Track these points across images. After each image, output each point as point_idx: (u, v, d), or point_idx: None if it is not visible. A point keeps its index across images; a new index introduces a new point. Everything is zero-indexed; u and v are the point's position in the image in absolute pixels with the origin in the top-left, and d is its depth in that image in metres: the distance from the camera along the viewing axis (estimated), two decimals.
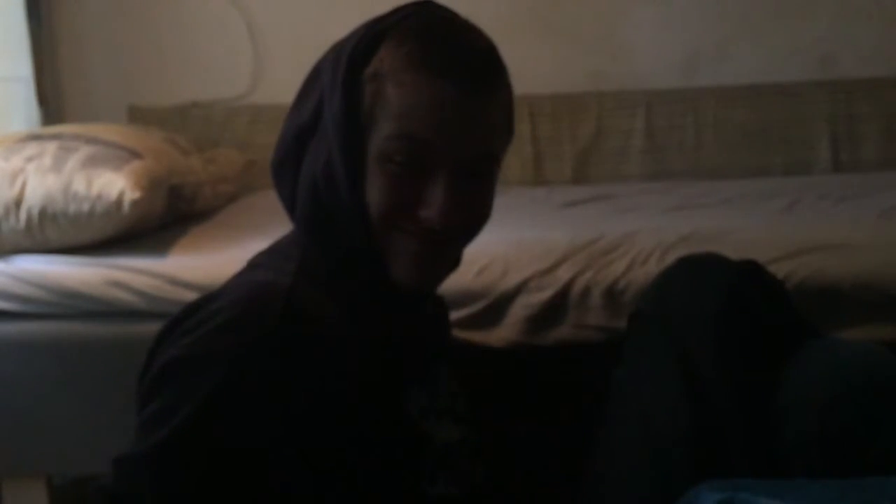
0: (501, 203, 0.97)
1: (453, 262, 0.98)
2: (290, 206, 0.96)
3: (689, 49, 2.43)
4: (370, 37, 0.89)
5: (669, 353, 1.03)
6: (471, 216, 0.93)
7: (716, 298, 1.03)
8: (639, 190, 2.13)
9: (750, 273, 1.08)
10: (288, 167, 0.95)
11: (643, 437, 1.03)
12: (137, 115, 2.45)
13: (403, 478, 0.93)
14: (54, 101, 2.44)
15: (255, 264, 0.97)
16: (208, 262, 1.49)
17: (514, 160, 2.38)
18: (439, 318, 1.14)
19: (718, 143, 2.36)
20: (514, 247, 1.48)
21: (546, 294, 1.40)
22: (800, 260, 1.38)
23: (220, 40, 2.49)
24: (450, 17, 0.93)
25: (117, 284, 1.49)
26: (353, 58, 0.89)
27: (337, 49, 0.93)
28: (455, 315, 1.40)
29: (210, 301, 0.88)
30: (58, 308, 1.49)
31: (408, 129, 0.86)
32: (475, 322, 1.41)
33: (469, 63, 0.87)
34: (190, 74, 2.50)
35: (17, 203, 1.52)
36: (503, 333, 1.40)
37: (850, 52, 2.38)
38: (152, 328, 0.93)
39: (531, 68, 2.36)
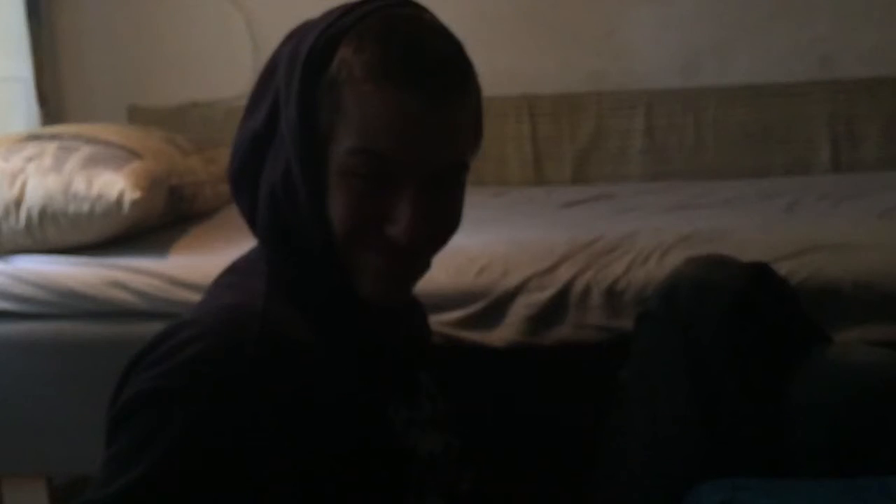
0: (501, 203, 0.96)
1: (423, 269, 0.92)
2: (251, 219, 0.91)
3: (689, 49, 2.43)
4: (327, 39, 0.82)
5: (678, 355, 1.03)
6: (440, 228, 0.87)
7: (726, 301, 1.03)
8: (639, 190, 2.13)
9: (759, 275, 1.07)
10: (246, 178, 0.89)
11: (651, 439, 1.03)
12: (137, 115, 2.45)
13: (390, 493, 0.88)
14: (54, 101, 2.45)
15: (222, 284, 0.92)
16: (208, 262, 1.48)
17: (514, 160, 2.38)
18: (417, 323, 1.10)
19: (718, 143, 2.35)
20: (514, 247, 1.48)
21: (546, 294, 1.40)
22: (800, 260, 1.38)
23: (220, 40, 2.49)
24: (413, 14, 0.85)
25: (117, 284, 1.49)
26: (309, 63, 0.82)
27: (294, 43, 0.86)
28: (455, 315, 1.40)
29: (179, 330, 0.80)
30: (58, 308, 1.50)
31: (370, 143, 0.80)
32: (475, 322, 1.41)
33: (433, 71, 0.80)
34: (190, 74, 2.50)
35: (17, 203, 1.53)
36: (503, 333, 1.40)
37: (850, 52, 2.38)
38: (152, 328, 0.90)
39: (531, 68, 2.37)
